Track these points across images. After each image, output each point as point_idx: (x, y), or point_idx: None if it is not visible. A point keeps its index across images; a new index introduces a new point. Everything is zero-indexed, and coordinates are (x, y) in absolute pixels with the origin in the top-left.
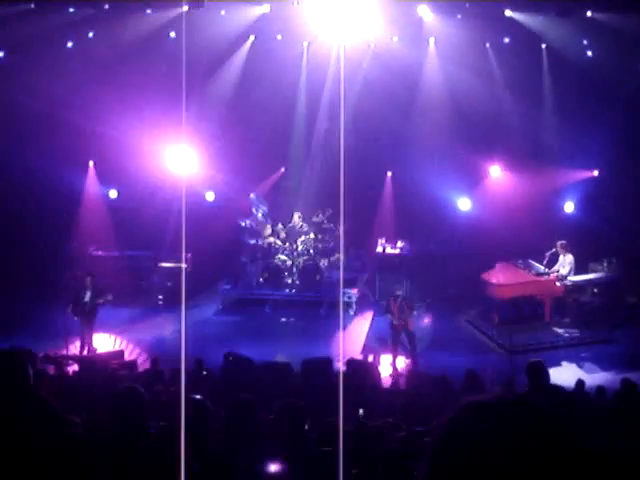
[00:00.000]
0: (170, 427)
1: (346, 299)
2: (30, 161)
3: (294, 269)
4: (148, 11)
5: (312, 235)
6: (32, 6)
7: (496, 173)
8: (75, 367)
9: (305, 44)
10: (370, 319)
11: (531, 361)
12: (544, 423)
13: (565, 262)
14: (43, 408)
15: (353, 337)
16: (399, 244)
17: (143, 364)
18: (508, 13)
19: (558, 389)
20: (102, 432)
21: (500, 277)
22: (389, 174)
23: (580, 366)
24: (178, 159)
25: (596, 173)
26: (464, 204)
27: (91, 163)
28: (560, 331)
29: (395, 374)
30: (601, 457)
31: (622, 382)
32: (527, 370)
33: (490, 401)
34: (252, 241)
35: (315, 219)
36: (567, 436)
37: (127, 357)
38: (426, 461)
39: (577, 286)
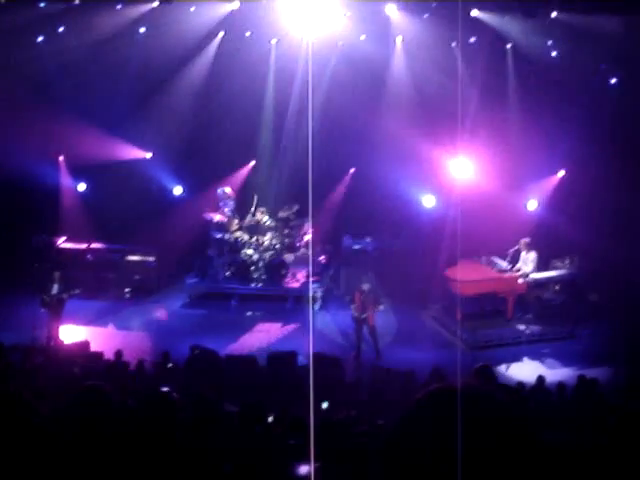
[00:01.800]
0: (134, 419)
1: (311, 294)
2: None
3: (260, 264)
4: (118, 6)
5: (279, 230)
6: (2, 1)
7: (461, 171)
8: (41, 358)
9: (274, 41)
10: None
11: (477, 366)
12: (499, 411)
13: (528, 259)
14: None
15: (317, 331)
16: (365, 239)
17: (108, 356)
18: (474, 13)
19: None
20: (67, 424)
21: (463, 274)
22: (351, 171)
23: (541, 362)
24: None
25: (561, 174)
26: (428, 201)
27: (61, 157)
28: (522, 327)
29: (358, 368)
30: (550, 446)
31: (578, 378)
32: (475, 375)
33: (453, 388)
34: (219, 235)
35: (282, 214)
36: (520, 424)
37: (93, 349)
38: (389, 438)
39: (539, 283)
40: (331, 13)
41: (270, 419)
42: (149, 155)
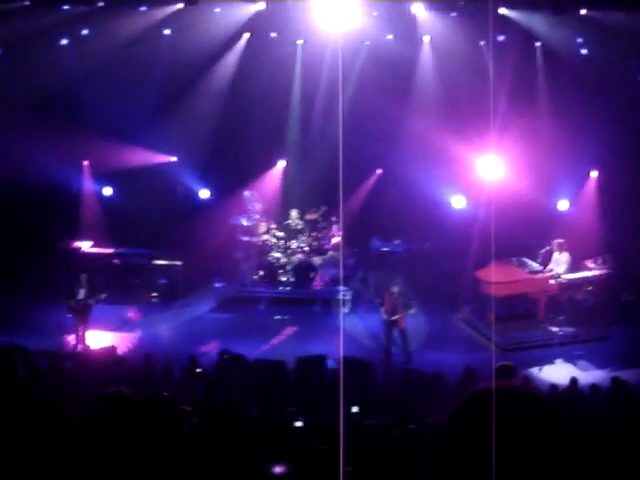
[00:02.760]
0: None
1: (340, 297)
2: (24, 158)
3: (288, 267)
4: (142, 8)
5: (306, 233)
6: (27, 3)
7: (491, 170)
8: (69, 364)
9: (300, 42)
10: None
11: (500, 364)
12: (550, 414)
13: (561, 260)
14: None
15: (346, 334)
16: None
17: (136, 361)
18: (502, 11)
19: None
20: (94, 430)
21: (495, 275)
22: (379, 171)
23: (574, 364)
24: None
25: (595, 174)
26: (458, 201)
27: (86, 162)
28: (554, 329)
29: (389, 371)
30: (598, 451)
31: (612, 380)
32: (496, 373)
33: (501, 390)
34: (246, 239)
35: (309, 217)
36: (570, 429)
37: (120, 353)
38: (436, 442)
39: (571, 284)
40: (358, 13)
41: (299, 424)
42: (174, 159)
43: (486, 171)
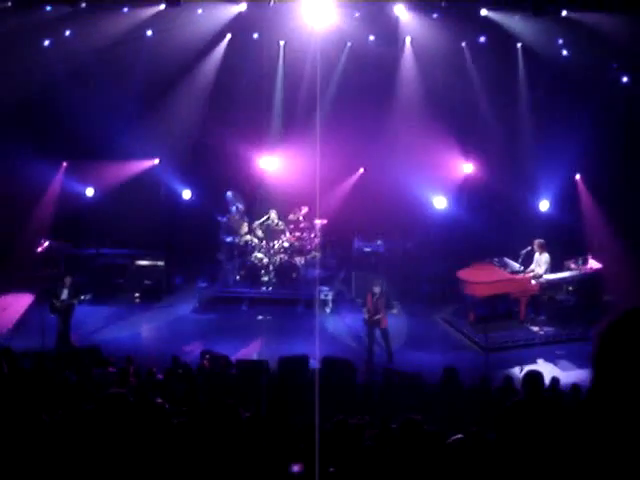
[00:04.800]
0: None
1: (322, 297)
2: (6, 159)
3: (271, 267)
4: (125, 9)
5: (288, 234)
6: (9, 4)
7: (472, 172)
8: (52, 364)
9: (282, 43)
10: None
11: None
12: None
13: (541, 261)
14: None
15: (328, 334)
16: (376, 242)
17: (119, 362)
18: (484, 12)
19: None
20: (81, 428)
21: (476, 275)
22: (360, 171)
23: (555, 364)
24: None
25: (576, 175)
26: (440, 202)
27: (64, 163)
28: (535, 329)
29: (371, 371)
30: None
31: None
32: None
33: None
34: (229, 239)
35: (291, 217)
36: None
37: (104, 354)
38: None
39: (552, 284)
40: (339, 14)
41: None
42: (157, 161)
43: (467, 171)
